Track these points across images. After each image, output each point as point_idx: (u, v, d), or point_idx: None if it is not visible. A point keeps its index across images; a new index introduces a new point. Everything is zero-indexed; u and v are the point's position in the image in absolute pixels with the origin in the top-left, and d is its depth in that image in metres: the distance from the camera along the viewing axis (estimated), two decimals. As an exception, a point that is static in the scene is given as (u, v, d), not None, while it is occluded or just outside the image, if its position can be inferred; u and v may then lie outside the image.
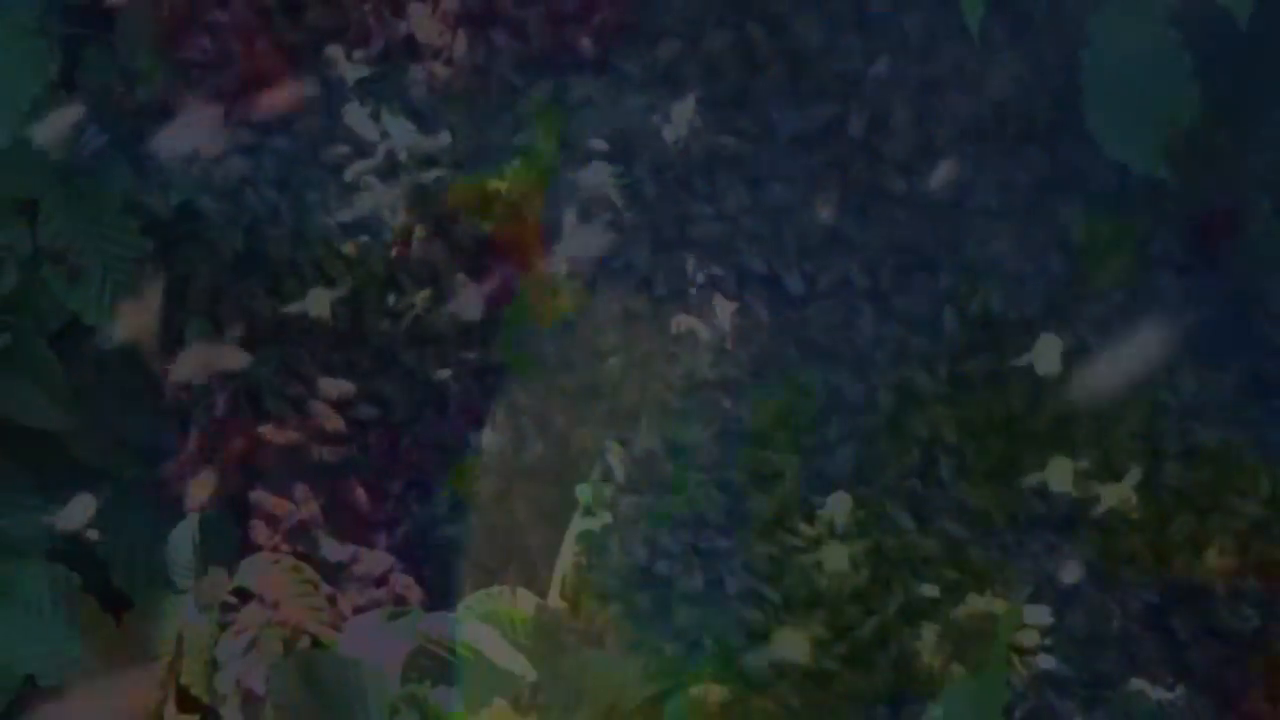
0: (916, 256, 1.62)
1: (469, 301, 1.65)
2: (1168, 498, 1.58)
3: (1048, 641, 1.54)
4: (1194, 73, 1.58)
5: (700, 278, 1.61)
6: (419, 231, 1.65)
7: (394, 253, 1.65)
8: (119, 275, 1.65)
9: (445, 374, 1.66)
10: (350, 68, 1.66)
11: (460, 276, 1.64)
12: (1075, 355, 1.58)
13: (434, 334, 1.66)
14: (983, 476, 1.59)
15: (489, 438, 1.66)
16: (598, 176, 1.61)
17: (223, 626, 1.63)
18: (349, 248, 1.64)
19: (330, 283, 1.65)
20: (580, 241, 1.62)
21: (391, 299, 1.66)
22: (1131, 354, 1.58)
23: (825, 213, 1.61)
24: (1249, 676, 1.56)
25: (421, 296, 1.65)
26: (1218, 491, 1.57)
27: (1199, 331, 1.60)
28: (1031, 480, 1.58)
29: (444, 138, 1.66)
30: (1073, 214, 1.62)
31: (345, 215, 1.64)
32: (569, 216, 1.62)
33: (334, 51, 1.66)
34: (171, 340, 1.67)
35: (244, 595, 1.65)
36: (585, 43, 1.64)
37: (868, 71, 1.61)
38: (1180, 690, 1.55)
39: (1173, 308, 1.61)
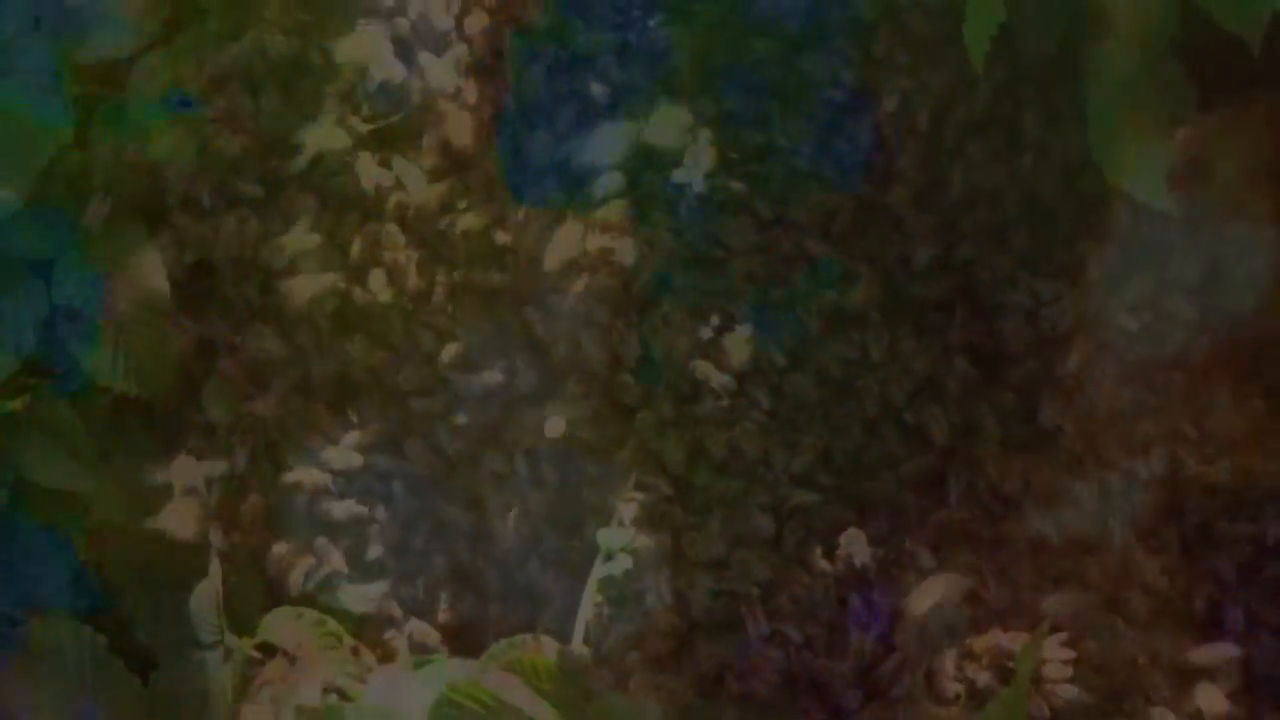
0: (931, 292, 1.63)
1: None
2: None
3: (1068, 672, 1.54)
4: (1199, 103, 1.58)
5: (716, 319, 1.62)
6: (437, 281, 1.66)
7: (411, 304, 1.67)
8: (134, 333, 1.66)
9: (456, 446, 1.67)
10: (359, 120, 1.68)
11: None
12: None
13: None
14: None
15: (509, 487, 1.67)
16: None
17: (248, 681, 1.64)
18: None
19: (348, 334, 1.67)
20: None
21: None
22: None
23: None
24: None
25: (447, 351, 1.66)
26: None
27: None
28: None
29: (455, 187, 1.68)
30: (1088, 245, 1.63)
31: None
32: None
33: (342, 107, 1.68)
34: (191, 396, 1.69)
35: (269, 650, 1.66)
36: (596, 88, 1.65)
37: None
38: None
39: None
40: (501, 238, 1.66)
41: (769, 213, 1.62)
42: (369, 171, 1.68)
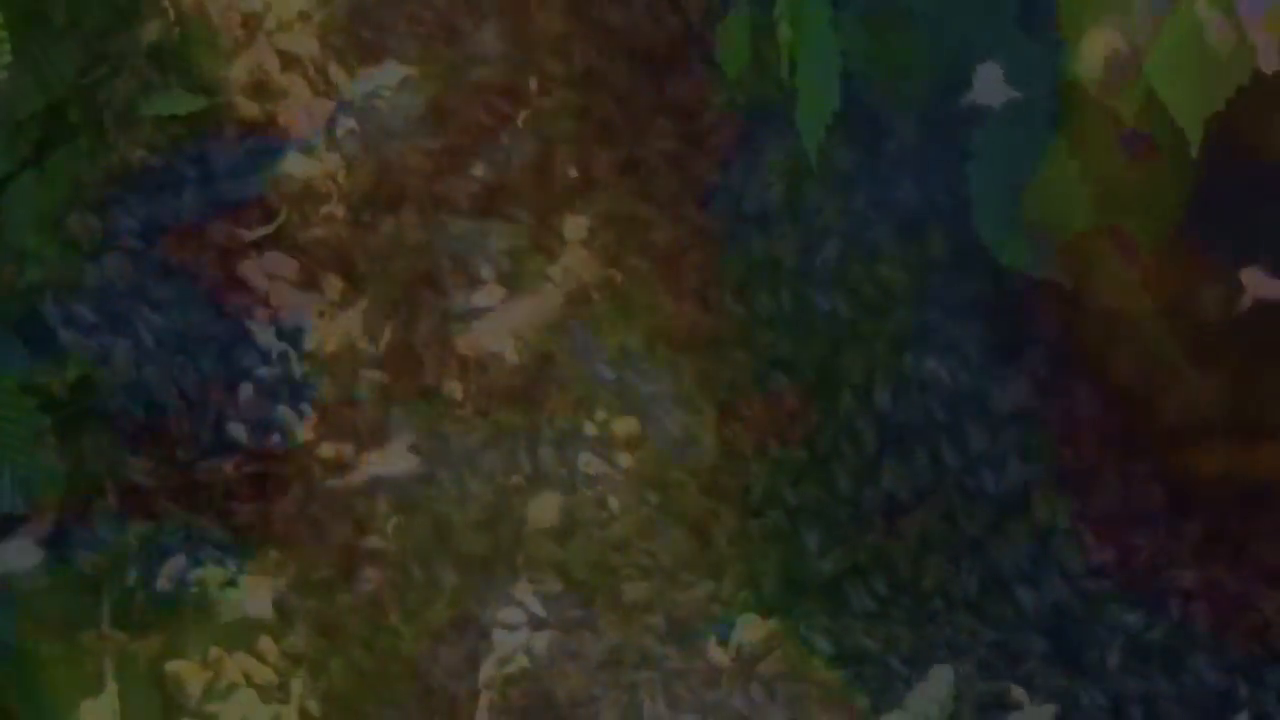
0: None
1: None
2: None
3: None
4: (1083, 177, 1.57)
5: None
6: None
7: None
8: (18, 454, 1.65)
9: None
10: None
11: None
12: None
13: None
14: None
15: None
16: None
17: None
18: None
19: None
20: None
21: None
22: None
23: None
24: None
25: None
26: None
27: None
28: None
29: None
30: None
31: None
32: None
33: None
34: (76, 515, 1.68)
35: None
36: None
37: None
38: None
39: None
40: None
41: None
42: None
